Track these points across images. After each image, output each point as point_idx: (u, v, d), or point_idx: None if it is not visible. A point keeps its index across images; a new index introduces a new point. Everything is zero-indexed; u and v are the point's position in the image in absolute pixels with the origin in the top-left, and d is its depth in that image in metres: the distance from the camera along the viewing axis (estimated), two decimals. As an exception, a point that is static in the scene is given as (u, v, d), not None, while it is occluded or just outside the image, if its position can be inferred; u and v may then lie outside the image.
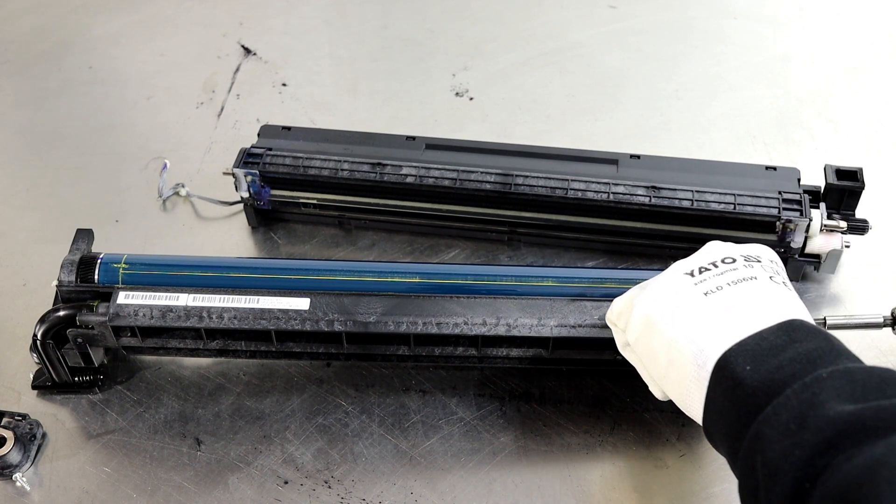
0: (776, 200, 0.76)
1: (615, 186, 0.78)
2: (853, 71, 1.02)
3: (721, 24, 1.10)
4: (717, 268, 0.57)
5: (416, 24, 1.13)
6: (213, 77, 1.06)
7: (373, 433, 0.69)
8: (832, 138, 0.94)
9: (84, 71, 1.09)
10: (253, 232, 0.88)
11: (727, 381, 0.51)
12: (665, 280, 0.58)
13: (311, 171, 0.82)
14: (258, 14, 1.16)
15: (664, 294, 0.57)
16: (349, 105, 1.02)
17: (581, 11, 1.13)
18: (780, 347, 0.50)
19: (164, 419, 0.71)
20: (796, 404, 0.46)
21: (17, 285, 0.83)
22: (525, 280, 0.69)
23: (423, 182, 0.80)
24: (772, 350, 0.50)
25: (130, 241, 0.86)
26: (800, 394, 0.46)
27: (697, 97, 1.00)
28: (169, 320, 0.67)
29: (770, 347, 0.50)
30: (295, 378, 0.73)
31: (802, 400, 0.46)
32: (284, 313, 0.67)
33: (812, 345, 0.50)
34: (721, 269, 0.57)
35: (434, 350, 0.68)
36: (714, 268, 0.57)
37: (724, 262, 0.58)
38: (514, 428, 0.69)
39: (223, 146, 0.97)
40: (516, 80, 1.04)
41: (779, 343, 0.51)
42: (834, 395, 0.45)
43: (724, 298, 0.55)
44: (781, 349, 0.50)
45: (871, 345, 0.74)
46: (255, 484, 0.67)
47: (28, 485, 0.67)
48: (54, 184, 0.94)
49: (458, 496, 0.66)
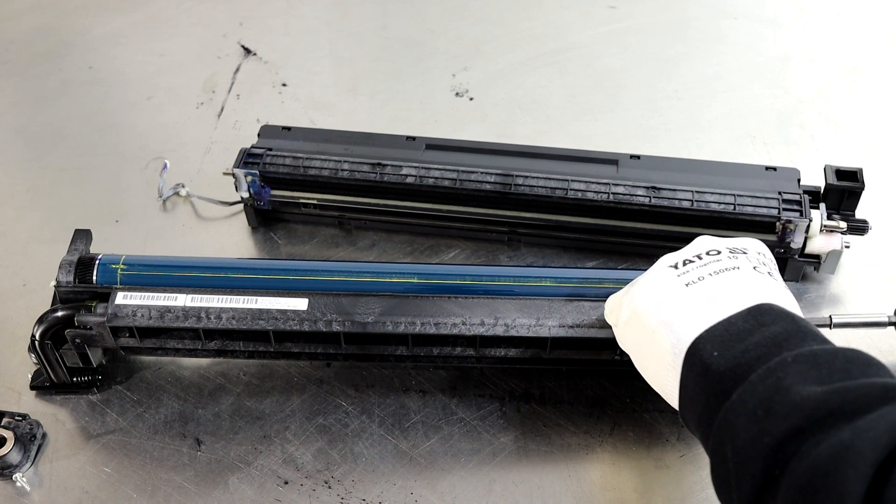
0: (776, 201, 0.76)
1: (615, 187, 0.78)
2: (853, 71, 1.02)
3: (721, 24, 1.10)
4: (701, 259, 0.58)
5: (416, 24, 1.13)
6: (213, 77, 1.06)
7: (373, 433, 0.69)
8: (832, 138, 0.94)
9: (84, 71, 1.09)
10: (253, 232, 0.88)
11: (697, 367, 0.51)
12: (650, 274, 0.59)
13: (311, 171, 0.82)
14: (258, 14, 1.16)
15: (648, 287, 0.58)
16: (349, 105, 1.02)
17: (581, 11, 1.13)
18: (748, 332, 0.51)
19: (164, 419, 0.71)
20: (762, 390, 0.46)
21: (17, 285, 0.83)
22: (523, 280, 0.69)
23: (423, 182, 0.80)
24: (739, 335, 0.51)
25: (130, 241, 0.87)
26: (765, 379, 0.47)
27: (697, 97, 1.00)
28: (167, 321, 0.67)
29: (738, 332, 0.51)
30: (295, 378, 0.73)
31: (768, 385, 0.46)
32: (283, 314, 0.67)
33: (779, 328, 0.50)
34: (705, 261, 0.57)
35: (432, 350, 0.68)
36: (698, 259, 0.58)
37: (708, 254, 0.58)
38: (514, 428, 0.69)
39: (223, 146, 0.97)
40: (516, 80, 1.04)
41: (746, 327, 0.51)
42: (799, 378, 0.45)
43: (705, 288, 0.55)
44: (749, 333, 0.50)
45: (871, 345, 0.74)
46: (255, 484, 0.67)
47: (28, 485, 0.67)
48: (54, 184, 0.94)
49: (458, 496, 0.66)
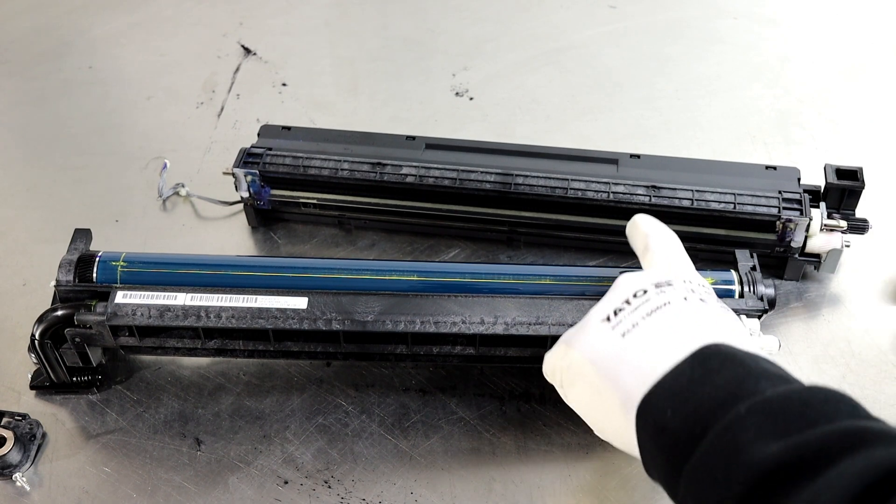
0: (776, 200, 0.76)
1: (615, 186, 0.78)
2: (853, 71, 1.02)
3: (721, 24, 1.10)
4: (630, 304, 0.56)
5: (416, 24, 1.13)
6: (213, 77, 1.06)
7: (373, 433, 0.69)
8: (832, 138, 0.94)
9: (84, 71, 1.09)
10: (253, 232, 0.88)
11: (650, 427, 0.49)
12: (585, 332, 0.57)
13: (311, 171, 0.82)
14: (258, 14, 1.16)
15: (585, 346, 0.56)
16: (349, 105, 1.02)
17: (581, 11, 1.13)
18: (698, 382, 0.49)
19: (164, 419, 0.71)
20: (720, 450, 0.44)
21: (17, 285, 0.83)
22: (523, 279, 0.69)
23: (423, 182, 0.80)
24: (690, 386, 0.49)
25: (130, 240, 0.86)
26: (722, 436, 0.45)
27: (697, 97, 1.00)
28: (167, 320, 0.67)
29: (687, 383, 0.49)
30: (295, 378, 0.73)
31: (726, 444, 0.44)
32: (282, 312, 0.67)
33: (729, 374, 0.48)
34: (634, 305, 0.55)
35: (432, 349, 0.68)
36: (627, 305, 0.56)
37: (635, 296, 0.56)
38: (514, 428, 0.69)
39: (223, 146, 0.97)
40: (516, 80, 1.04)
41: (695, 377, 0.49)
42: (755, 433, 0.43)
43: (641, 335, 0.53)
44: (699, 384, 0.48)
45: (872, 343, 0.74)
46: (255, 484, 0.67)
47: (28, 485, 0.67)
48: (54, 184, 0.94)
49: (458, 496, 0.65)
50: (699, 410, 0.47)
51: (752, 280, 0.67)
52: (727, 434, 0.45)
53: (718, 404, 0.47)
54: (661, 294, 0.55)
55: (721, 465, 0.44)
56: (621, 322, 0.55)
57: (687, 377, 0.49)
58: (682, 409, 0.48)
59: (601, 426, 0.56)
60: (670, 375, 0.50)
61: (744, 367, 0.49)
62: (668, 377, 0.50)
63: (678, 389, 0.49)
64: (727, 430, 0.45)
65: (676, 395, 0.49)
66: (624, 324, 0.55)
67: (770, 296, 0.67)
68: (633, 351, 0.53)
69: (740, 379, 0.48)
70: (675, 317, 0.54)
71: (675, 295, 0.55)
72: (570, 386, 0.58)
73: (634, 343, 0.53)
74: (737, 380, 0.48)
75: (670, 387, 0.49)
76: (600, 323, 0.56)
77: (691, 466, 0.46)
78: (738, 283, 0.67)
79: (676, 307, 0.54)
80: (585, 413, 0.57)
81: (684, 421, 0.47)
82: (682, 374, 0.50)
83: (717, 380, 0.48)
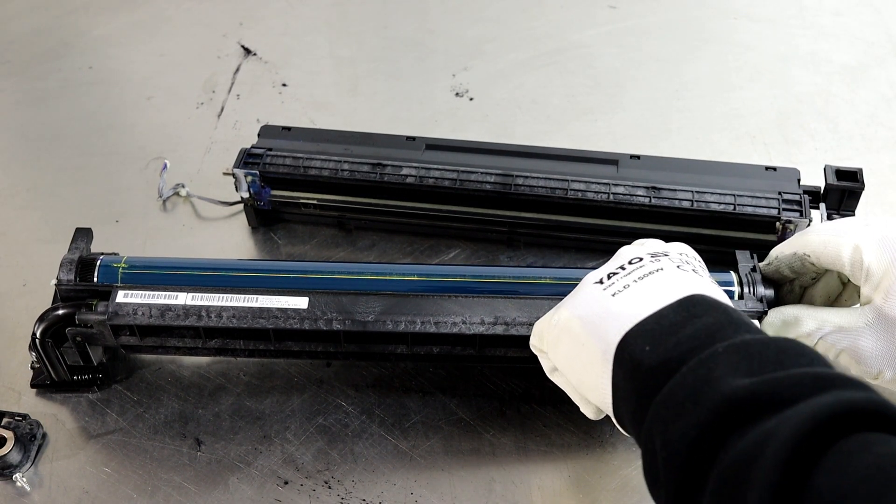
0: (776, 201, 0.76)
1: (615, 187, 0.78)
2: (853, 71, 1.02)
3: (721, 24, 1.10)
4: (625, 269, 0.56)
5: (416, 24, 1.13)
6: (213, 77, 1.06)
7: (373, 433, 0.69)
8: (832, 138, 0.94)
9: (84, 71, 1.09)
10: (253, 232, 0.88)
11: (627, 363, 0.50)
12: (576, 293, 0.57)
13: (311, 171, 0.82)
14: (258, 14, 1.16)
15: (575, 304, 0.56)
16: (349, 105, 1.02)
17: (581, 11, 1.13)
18: (679, 324, 0.49)
19: (164, 419, 0.71)
20: (691, 381, 0.45)
21: (17, 285, 0.83)
22: (523, 279, 0.69)
23: (423, 182, 0.80)
24: (671, 327, 0.49)
25: (130, 241, 0.86)
26: (695, 370, 0.45)
27: (697, 97, 1.00)
28: (168, 319, 0.67)
29: (669, 325, 0.49)
30: (295, 378, 0.73)
31: (698, 376, 0.45)
32: (283, 312, 0.67)
33: (711, 318, 0.49)
34: (628, 270, 0.56)
35: (432, 349, 0.68)
36: (622, 270, 0.56)
37: (630, 263, 0.57)
38: (514, 428, 0.69)
39: (223, 146, 0.97)
40: (516, 80, 1.04)
41: (678, 319, 0.49)
42: (730, 369, 0.44)
43: (631, 293, 0.54)
44: (681, 325, 0.49)
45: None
46: (255, 484, 0.67)
47: (28, 485, 0.67)
48: (54, 184, 0.94)
49: (458, 496, 0.66)
50: (679, 347, 0.48)
51: (752, 281, 0.67)
52: (701, 368, 0.45)
53: (697, 343, 0.47)
54: (655, 262, 0.56)
55: (691, 395, 0.44)
56: (613, 284, 0.55)
57: (670, 319, 0.50)
58: (662, 346, 0.48)
59: (580, 377, 0.56)
60: (653, 317, 0.50)
61: (727, 316, 0.49)
62: (650, 318, 0.50)
63: (659, 329, 0.50)
64: (702, 363, 0.45)
65: (657, 334, 0.49)
66: (616, 286, 0.55)
67: (770, 297, 0.67)
68: (620, 305, 0.53)
69: (722, 324, 0.48)
70: (667, 279, 0.54)
71: (668, 263, 0.56)
72: (556, 345, 0.57)
73: (623, 299, 0.54)
74: (718, 324, 0.48)
75: (652, 326, 0.50)
76: (592, 285, 0.57)
77: (662, 396, 0.46)
78: (737, 284, 0.67)
79: (669, 272, 0.55)
80: (567, 368, 0.57)
81: (661, 356, 0.48)
82: (665, 316, 0.50)
83: (698, 323, 0.49)
